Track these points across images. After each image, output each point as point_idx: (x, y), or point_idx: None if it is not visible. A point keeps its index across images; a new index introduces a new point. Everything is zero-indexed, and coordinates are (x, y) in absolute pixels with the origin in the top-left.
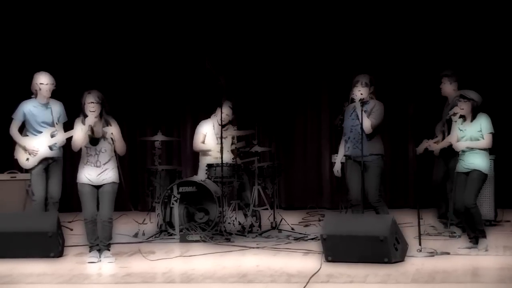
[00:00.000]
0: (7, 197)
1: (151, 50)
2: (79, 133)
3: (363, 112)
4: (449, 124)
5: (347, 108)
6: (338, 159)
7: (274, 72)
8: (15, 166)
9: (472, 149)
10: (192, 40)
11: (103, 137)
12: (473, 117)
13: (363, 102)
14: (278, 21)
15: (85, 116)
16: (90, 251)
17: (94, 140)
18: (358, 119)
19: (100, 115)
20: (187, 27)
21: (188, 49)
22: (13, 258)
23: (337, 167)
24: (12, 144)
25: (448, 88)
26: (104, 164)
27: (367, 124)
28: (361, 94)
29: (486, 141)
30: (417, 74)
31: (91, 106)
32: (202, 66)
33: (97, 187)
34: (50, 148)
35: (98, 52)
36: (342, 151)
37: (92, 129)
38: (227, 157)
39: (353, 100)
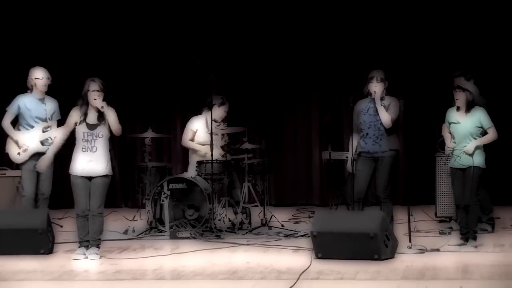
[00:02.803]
0: None
1: (141, 48)
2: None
3: (382, 107)
4: None
5: (359, 104)
6: (350, 156)
7: (264, 70)
8: (5, 163)
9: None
10: (183, 37)
11: (101, 122)
12: (468, 109)
13: (381, 98)
14: (269, 19)
15: (85, 103)
16: (78, 248)
17: (91, 124)
18: (377, 114)
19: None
20: (178, 24)
21: (179, 46)
22: (2, 255)
23: (350, 165)
24: (2, 140)
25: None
26: (99, 150)
27: (387, 119)
28: (378, 89)
29: (492, 135)
30: (407, 71)
31: (95, 94)
32: (192, 63)
33: (90, 179)
34: (42, 143)
35: (90, 50)
36: (353, 148)
37: (99, 112)
38: (218, 153)
39: (368, 95)
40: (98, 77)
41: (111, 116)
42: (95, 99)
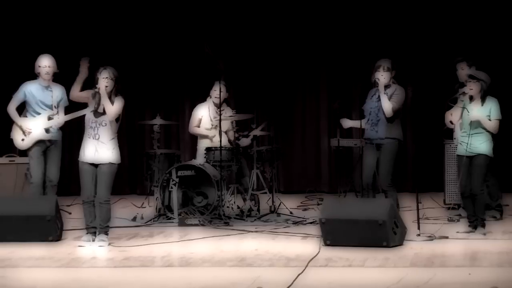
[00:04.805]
0: (5, 181)
1: (150, 35)
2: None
3: (385, 95)
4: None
5: (369, 92)
6: (352, 122)
7: (273, 56)
8: (14, 150)
9: (476, 133)
10: (191, 24)
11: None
12: (482, 99)
13: (386, 86)
14: (277, 5)
15: (98, 92)
16: (85, 234)
17: (97, 112)
18: (379, 101)
19: (111, 92)
20: (187, 11)
21: (187, 33)
22: (11, 242)
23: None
24: (9, 127)
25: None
26: (102, 138)
27: (389, 107)
28: (384, 78)
29: (493, 125)
30: (416, 58)
31: (106, 81)
32: (201, 50)
33: (96, 166)
34: (47, 130)
35: (100, 37)
36: (358, 122)
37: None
38: (226, 140)
39: (375, 84)
40: (110, 66)
41: (113, 103)
42: (102, 85)
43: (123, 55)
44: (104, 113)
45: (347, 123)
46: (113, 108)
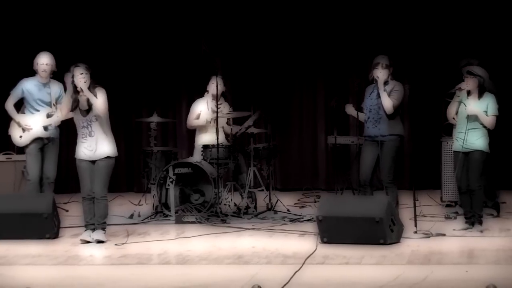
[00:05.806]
0: (2, 178)
1: (146, 32)
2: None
3: (384, 92)
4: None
5: (367, 89)
6: (355, 111)
7: (270, 54)
8: (11, 147)
9: (473, 128)
10: (188, 21)
11: (90, 106)
12: (480, 94)
13: (384, 83)
14: (275, 3)
15: (74, 89)
16: (84, 231)
17: (83, 111)
18: (379, 98)
19: (91, 87)
20: (184, 9)
21: (184, 30)
22: (8, 239)
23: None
24: (7, 125)
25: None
26: (97, 133)
27: (389, 104)
28: (382, 75)
29: (490, 120)
30: (413, 55)
31: (82, 77)
32: (197, 48)
33: (93, 162)
34: (45, 128)
35: (96, 35)
36: (357, 113)
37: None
38: (222, 136)
39: (373, 81)
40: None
41: (97, 96)
42: (80, 82)
43: (120, 53)
44: (89, 109)
45: (352, 110)
46: (100, 101)
